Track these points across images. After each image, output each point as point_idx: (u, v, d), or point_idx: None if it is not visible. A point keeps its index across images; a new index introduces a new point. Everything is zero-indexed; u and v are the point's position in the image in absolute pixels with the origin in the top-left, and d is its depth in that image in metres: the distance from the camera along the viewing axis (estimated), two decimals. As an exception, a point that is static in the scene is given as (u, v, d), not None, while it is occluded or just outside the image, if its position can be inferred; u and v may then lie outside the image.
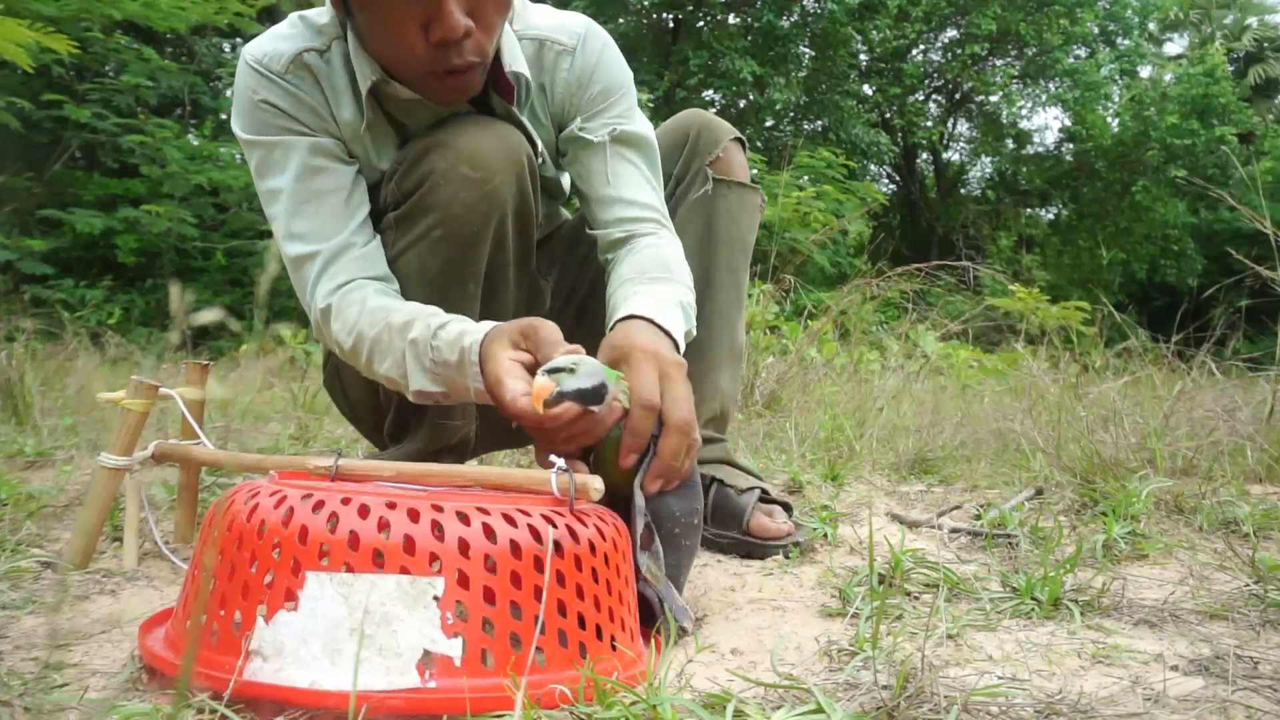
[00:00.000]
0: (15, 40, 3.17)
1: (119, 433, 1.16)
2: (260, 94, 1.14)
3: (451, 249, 1.14)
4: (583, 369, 0.90)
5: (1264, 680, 0.83)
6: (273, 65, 1.14)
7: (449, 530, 0.74)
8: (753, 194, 1.44)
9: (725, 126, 1.43)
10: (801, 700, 0.77)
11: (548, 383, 0.88)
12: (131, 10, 6.33)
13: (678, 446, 0.94)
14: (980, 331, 4.97)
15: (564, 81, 1.24)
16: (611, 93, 1.26)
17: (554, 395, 0.88)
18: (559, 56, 1.24)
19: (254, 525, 0.76)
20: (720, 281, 1.38)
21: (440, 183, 1.10)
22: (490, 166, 1.11)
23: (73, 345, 3.47)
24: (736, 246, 1.41)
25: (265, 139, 1.15)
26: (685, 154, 1.41)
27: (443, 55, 1.04)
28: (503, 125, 1.16)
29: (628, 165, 1.25)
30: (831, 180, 7.29)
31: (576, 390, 0.89)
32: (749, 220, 1.44)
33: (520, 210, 1.18)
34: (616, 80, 1.27)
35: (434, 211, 1.12)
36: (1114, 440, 1.84)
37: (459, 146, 1.11)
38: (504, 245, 1.19)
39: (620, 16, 13.97)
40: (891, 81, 15.23)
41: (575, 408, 0.89)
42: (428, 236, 1.13)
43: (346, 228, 1.15)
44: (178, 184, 7.11)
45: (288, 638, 0.71)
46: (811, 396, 3.07)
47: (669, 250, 1.21)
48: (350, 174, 1.18)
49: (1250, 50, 17.79)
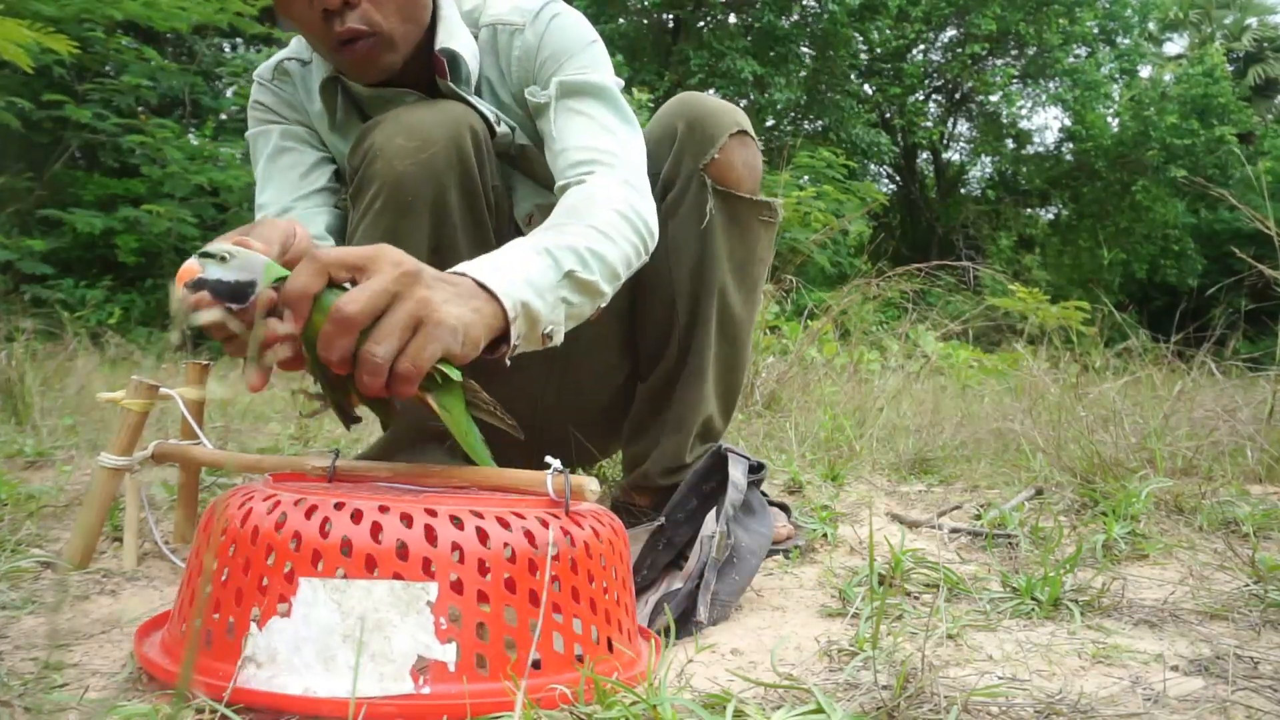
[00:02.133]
0: (15, 40, 3.17)
1: (119, 433, 1.16)
2: (254, 97, 1.30)
3: (391, 218, 1.12)
4: (238, 261, 0.78)
5: (1264, 680, 0.83)
6: (264, 74, 1.30)
7: (442, 535, 0.73)
8: (760, 209, 1.25)
9: (725, 115, 1.22)
10: (801, 700, 0.77)
11: (194, 265, 0.78)
12: (132, 10, 6.33)
13: (328, 334, 0.76)
14: (980, 331, 4.97)
15: (517, 60, 1.20)
16: (561, 55, 1.17)
17: (194, 280, 0.78)
18: (511, 37, 1.20)
19: (248, 531, 0.75)
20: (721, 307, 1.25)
21: (378, 155, 1.11)
22: (426, 136, 1.10)
23: (73, 345, 3.47)
24: (741, 277, 1.25)
25: (254, 132, 1.30)
26: (674, 152, 1.23)
27: (329, 26, 1.08)
28: (448, 102, 1.16)
29: (574, 118, 1.14)
30: (831, 180, 7.29)
31: (216, 280, 0.78)
32: (754, 242, 1.26)
33: (465, 183, 1.14)
34: (566, 42, 1.18)
35: (374, 182, 1.12)
36: (1114, 440, 1.84)
37: (399, 120, 1.12)
38: (448, 217, 1.14)
39: (620, 16, 13.98)
40: (891, 81, 15.23)
41: (208, 299, 0.78)
42: (371, 208, 1.13)
43: (294, 195, 1.23)
44: (178, 184, 7.11)
45: (281, 644, 0.70)
46: (811, 396, 3.07)
47: (588, 189, 1.05)
48: (314, 156, 1.27)
49: (1250, 50, 17.79)
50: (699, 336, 1.26)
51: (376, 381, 0.76)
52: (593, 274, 0.95)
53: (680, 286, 1.25)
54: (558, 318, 0.91)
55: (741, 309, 1.28)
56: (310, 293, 0.76)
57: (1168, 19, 18.83)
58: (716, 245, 1.23)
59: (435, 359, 0.77)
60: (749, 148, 1.24)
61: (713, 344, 1.26)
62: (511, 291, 0.84)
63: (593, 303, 0.97)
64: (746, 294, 1.28)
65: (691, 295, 1.24)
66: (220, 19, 6.69)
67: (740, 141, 1.22)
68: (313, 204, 1.23)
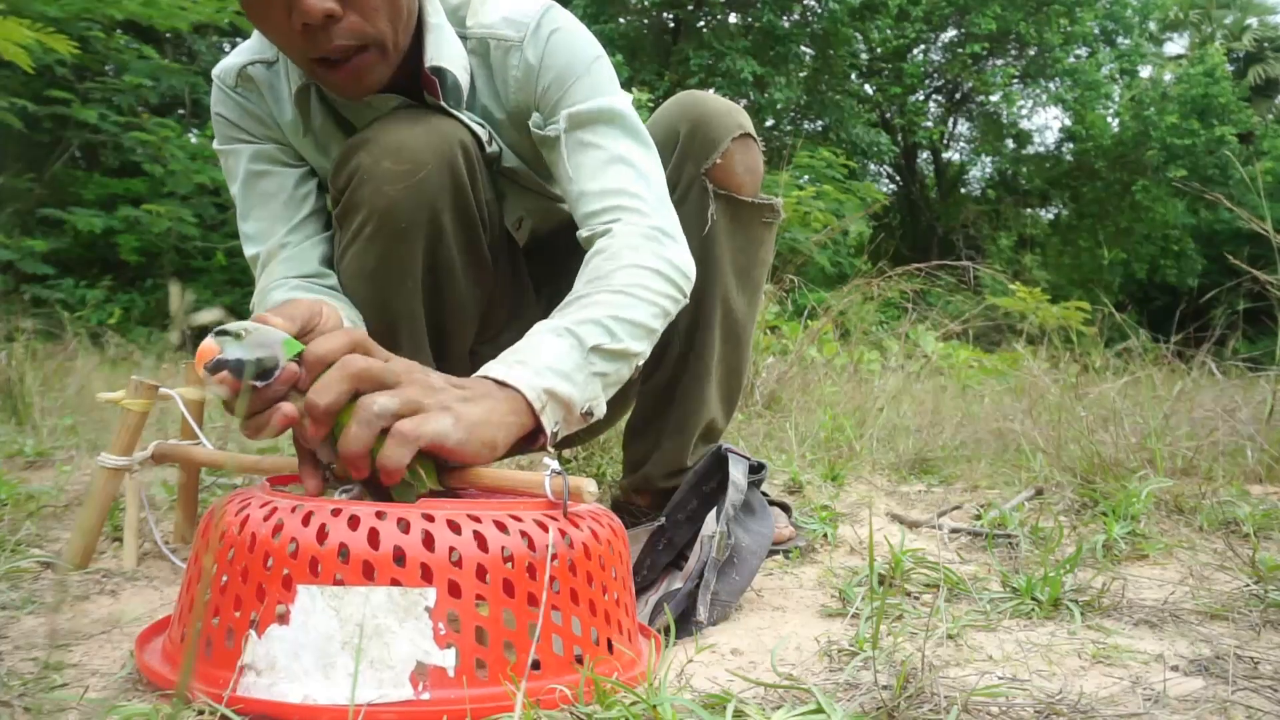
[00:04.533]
0: (16, 40, 3.17)
1: (119, 433, 1.16)
2: (216, 107, 1.19)
3: (384, 245, 1.08)
4: (253, 338, 0.76)
5: (1264, 680, 0.83)
6: (226, 79, 1.18)
7: (440, 540, 0.73)
8: (762, 211, 1.24)
9: (727, 119, 1.20)
10: (801, 700, 0.77)
11: (212, 345, 0.76)
12: (133, 9, 6.33)
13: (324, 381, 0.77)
14: (980, 331, 4.97)
15: (515, 80, 1.12)
16: (567, 78, 1.10)
17: (213, 362, 0.76)
18: (508, 53, 1.12)
19: (245, 538, 0.75)
20: (724, 312, 1.24)
21: (365, 179, 1.06)
22: (416, 159, 1.05)
23: (73, 345, 3.47)
24: (743, 280, 1.24)
25: (222, 148, 1.21)
26: (675, 157, 1.21)
27: (312, 42, 0.99)
28: (436, 117, 1.09)
29: (588, 151, 1.09)
30: (832, 180, 7.28)
31: (235, 360, 0.75)
32: (756, 245, 1.25)
33: (458, 204, 1.10)
34: (569, 64, 1.11)
35: (362, 208, 1.07)
36: (1114, 440, 1.84)
37: (384, 141, 1.06)
38: (442, 239, 1.11)
39: (620, 16, 13.97)
40: (891, 81, 15.23)
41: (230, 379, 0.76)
42: (361, 234, 1.09)
43: (283, 229, 1.17)
44: (179, 182, 7.11)
45: (280, 652, 0.70)
46: (811, 396, 3.07)
47: (611, 246, 1.02)
48: (295, 175, 1.19)
49: (1250, 50, 17.79)
50: (702, 340, 1.25)
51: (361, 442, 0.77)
52: (620, 341, 0.94)
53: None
54: (594, 393, 0.91)
55: (744, 311, 1.27)
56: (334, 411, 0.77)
57: (1168, 19, 18.83)
58: (719, 249, 1.22)
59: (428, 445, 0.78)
60: (751, 150, 1.21)
61: (716, 347, 1.26)
62: (535, 383, 0.85)
63: (629, 364, 0.96)
64: (749, 296, 1.27)
65: (694, 299, 1.22)
66: (221, 18, 6.69)
67: (743, 145, 1.20)
68: (304, 235, 1.17)
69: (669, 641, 0.88)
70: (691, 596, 1.00)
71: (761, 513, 1.14)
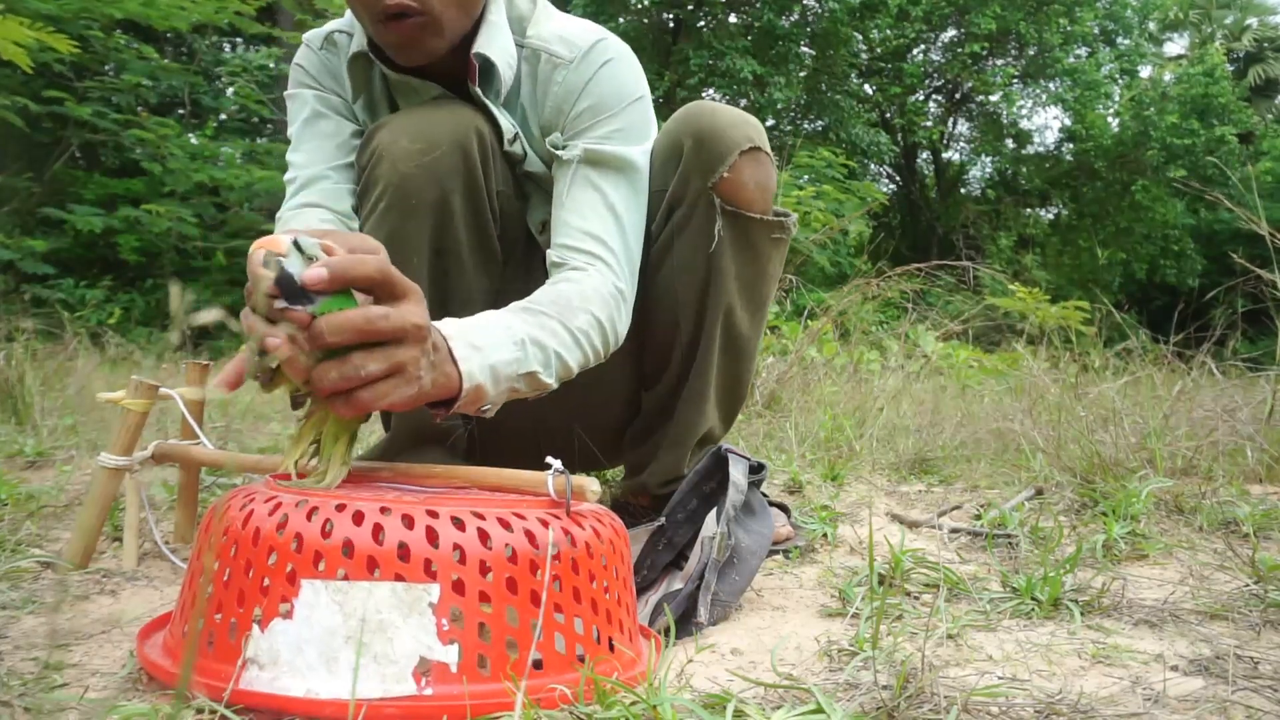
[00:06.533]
0: (15, 40, 3.17)
1: (119, 433, 1.16)
2: (297, 59, 1.26)
3: (395, 220, 1.12)
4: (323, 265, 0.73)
5: (1264, 680, 0.83)
6: (314, 40, 1.26)
7: (444, 536, 0.73)
8: (771, 228, 1.20)
9: (735, 131, 1.15)
10: (801, 700, 0.77)
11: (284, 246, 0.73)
12: (132, 9, 6.33)
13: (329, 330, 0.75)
14: (980, 331, 4.97)
15: (554, 95, 1.16)
16: (600, 110, 1.14)
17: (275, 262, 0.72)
18: (554, 69, 1.15)
19: (249, 532, 0.75)
20: (726, 327, 1.23)
21: (384, 156, 1.11)
22: (431, 139, 1.10)
23: (73, 345, 3.47)
24: (748, 296, 1.22)
25: (292, 92, 1.27)
26: (680, 171, 1.18)
27: None
28: (459, 104, 1.15)
29: (589, 190, 1.12)
30: (831, 180, 7.28)
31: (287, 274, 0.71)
32: (764, 262, 1.22)
33: (469, 187, 1.13)
34: (609, 98, 1.14)
35: (379, 183, 1.12)
36: (1114, 440, 1.84)
37: (405, 122, 1.12)
38: (451, 222, 1.13)
39: (620, 16, 13.98)
40: (891, 81, 15.23)
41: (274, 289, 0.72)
42: (376, 208, 1.13)
43: (329, 163, 1.21)
44: (179, 181, 7.11)
45: (283, 646, 0.70)
46: (811, 396, 3.07)
47: (582, 286, 1.06)
48: (350, 128, 1.24)
49: (1250, 50, 17.80)
50: (703, 356, 1.24)
51: (334, 387, 0.76)
52: (550, 377, 0.99)
53: (686, 305, 1.22)
54: (501, 401, 0.95)
55: (748, 327, 1.25)
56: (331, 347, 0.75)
57: (1168, 19, 18.84)
58: (724, 265, 1.19)
59: (383, 406, 0.79)
60: (762, 165, 1.17)
61: (716, 363, 1.24)
62: (475, 375, 0.88)
63: (536, 393, 1.00)
64: (754, 312, 1.25)
65: (697, 314, 1.22)
66: (220, 18, 6.69)
67: (752, 159, 1.15)
68: (345, 177, 1.21)
69: (669, 642, 0.88)
70: (692, 597, 1.01)
71: (761, 513, 1.14)
